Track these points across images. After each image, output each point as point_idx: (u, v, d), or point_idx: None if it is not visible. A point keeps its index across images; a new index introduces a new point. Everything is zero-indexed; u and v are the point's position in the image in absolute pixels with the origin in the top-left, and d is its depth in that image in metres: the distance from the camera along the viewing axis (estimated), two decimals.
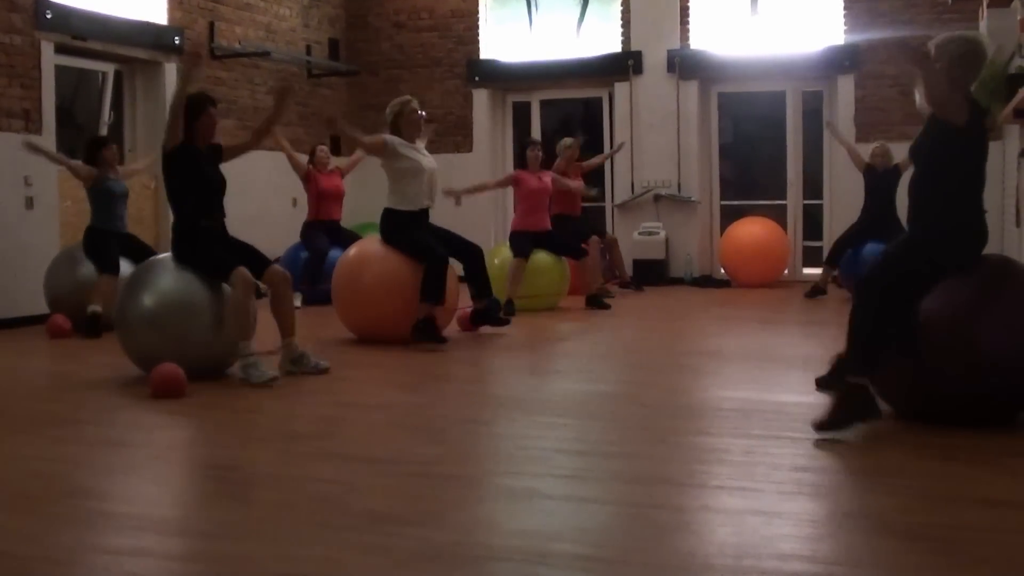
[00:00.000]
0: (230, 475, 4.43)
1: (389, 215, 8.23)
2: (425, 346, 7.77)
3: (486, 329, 8.59)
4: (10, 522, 3.78)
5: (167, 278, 6.64)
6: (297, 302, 10.28)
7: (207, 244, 6.67)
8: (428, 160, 8.37)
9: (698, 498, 3.96)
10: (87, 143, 9.75)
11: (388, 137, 8.19)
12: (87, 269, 9.23)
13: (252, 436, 5.22)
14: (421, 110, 8.53)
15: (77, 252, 9.41)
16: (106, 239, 9.25)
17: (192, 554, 3.43)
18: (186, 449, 5.11)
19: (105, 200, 9.32)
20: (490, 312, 8.48)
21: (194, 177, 6.75)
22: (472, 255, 8.41)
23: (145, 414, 5.78)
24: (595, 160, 12.78)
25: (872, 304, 4.97)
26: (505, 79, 14.61)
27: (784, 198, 13.81)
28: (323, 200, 11.37)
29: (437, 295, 7.93)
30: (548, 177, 10.80)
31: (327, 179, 11.44)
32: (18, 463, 4.69)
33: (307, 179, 11.39)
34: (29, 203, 9.97)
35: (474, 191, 10.78)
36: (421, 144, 8.46)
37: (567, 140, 12.05)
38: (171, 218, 6.93)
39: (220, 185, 6.90)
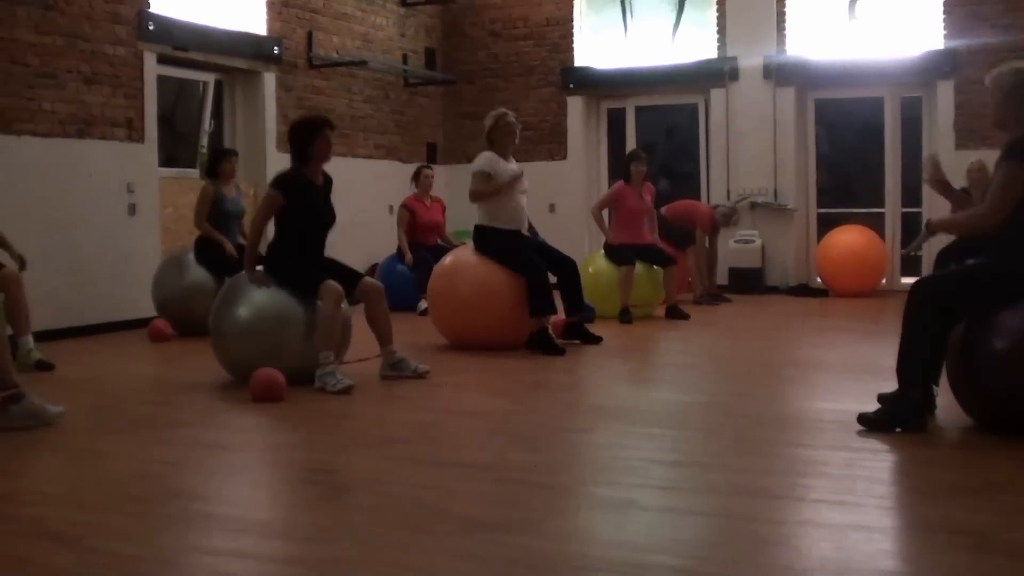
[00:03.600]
0: (328, 479, 4.48)
1: (481, 231, 8.27)
2: (533, 355, 7.84)
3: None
4: (116, 521, 3.85)
5: (261, 290, 6.73)
6: (424, 305, 10.40)
7: (301, 263, 6.76)
8: (522, 181, 8.41)
9: (797, 511, 3.91)
10: (210, 155, 9.94)
11: (482, 172, 8.28)
12: (194, 274, 9.41)
13: (349, 441, 5.27)
14: (518, 123, 8.56)
15: (184, 257, 9.60)
16: (216, 251, 9.39)
17: (291, 557, 3.46)
18: (285, 452, 5.16)
19: (222, 219, 9.50)
20: (582, 326, 8.47)
21: (304, 210, 6.79)
22: (566, 268, 8.41)
23: (245, 417, 5.88)
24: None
25: (929, 316, 4.95)
26: (600, 86, 14.60)
27: (882, 206, 13.61)
28: (418, 230, 11.49)
29: (546, 307, 7.96)
30: (650, 195, 10.73)
31: (426, 212, 11.54)
32: (123, 464, 4.78)
33: (407, 211, 11.50)
34: (132, 210, 10.17)
35: (604, 228, 10.69)
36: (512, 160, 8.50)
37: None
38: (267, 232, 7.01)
39: (329, 220, 6.96)
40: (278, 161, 11.74)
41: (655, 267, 10.50)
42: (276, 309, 6.66)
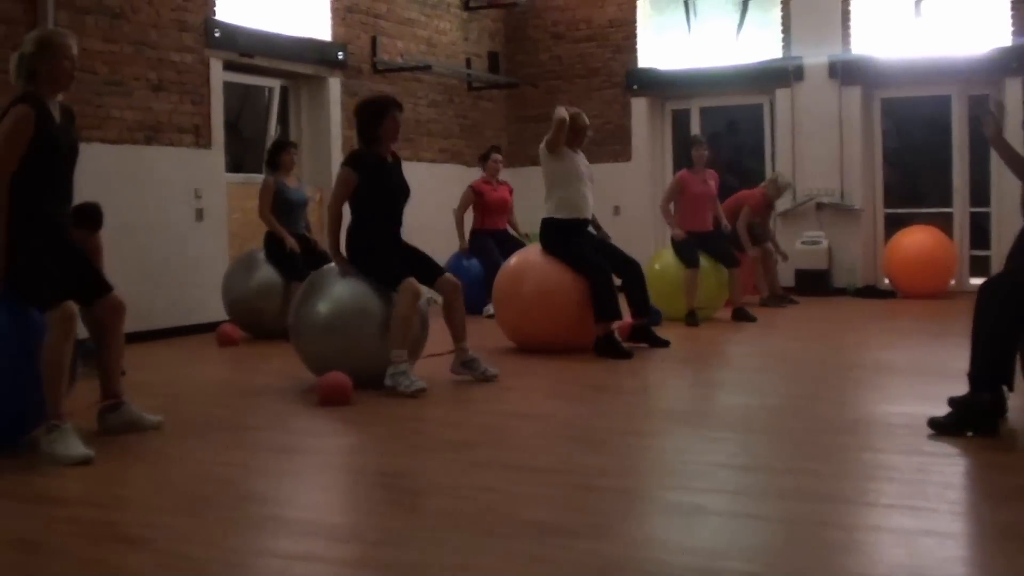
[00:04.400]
0: (397, 482, 4.49)
1: (548, 224, 8.27)
2: (600, 358, 7.83)
3: None
4: (187, 524, 3.90)
5: (341, 285, 6.74)
6: (491, 310, 10.42)
7: (383, 253, 6.75)
8: (587, 168, 8.39)
9: (868, 517, 3.87)
10: (271, 147, 10.03)
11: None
12: (262, 276, 9.50)
13: (417, 444, 5.28)
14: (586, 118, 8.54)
15: (253, 258, 9.70)
16: (287, 247, 9.45)
17: (361, 560, 3.48)
18: (354, 456, 5.19)
19: (285, 209, 9.57)
20: (649, 330, 8.44)
21: (378, 186, 6.81)
22: (631, 271, 8.38)
23: (313, 421, 5.92)
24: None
25: (999, 316, 4.90)
26: (664, 87, 14.54)
27: (950, 206, 13.44)
28: (488, 212, 11.49)
29: (611, 312, 7.94)
30: (713, 179, 10.68)
31: (494, 192, 11.54)
32: (193, 467, 4.84)
33: (473, 191, 11.53)
34: (199, 215, 10.28)
35: (673, 223, 10.54)
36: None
37: (780, 180, 12.08)
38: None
39: (404, 194, 6.97)
40: None
41: (720, 266, 10.40)
42: (357, 304, 6.66)
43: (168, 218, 9.92)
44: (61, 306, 4.95)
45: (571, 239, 8.16)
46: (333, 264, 6.93)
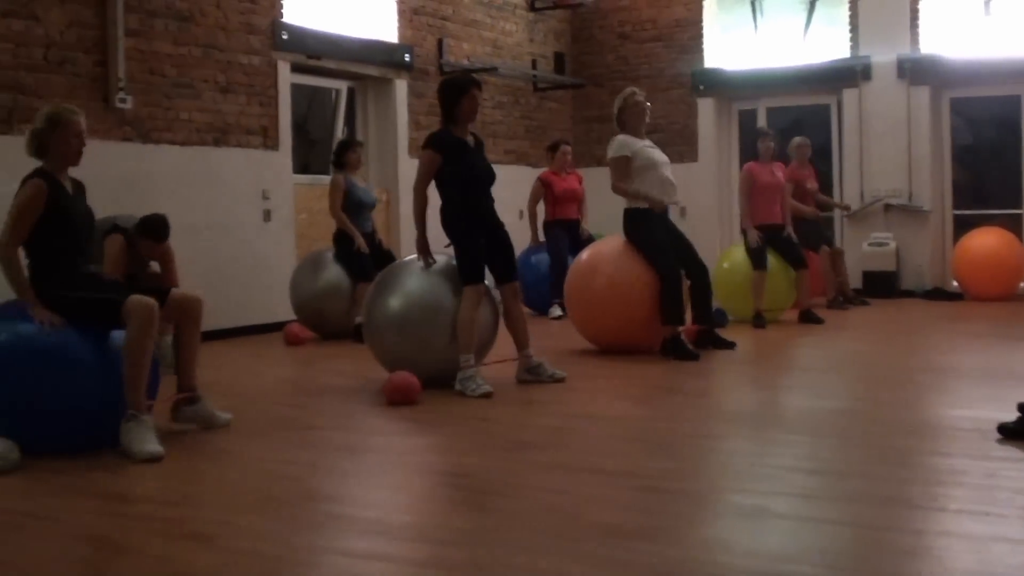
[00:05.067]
0: (464, 482, 4.51)
1: (628, 214, 8.21)
2: (666, 359, 7.81)
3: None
4: (256, 522, 3.94)
5: (414, 280, 6.79)
6: (558, 312, 10.42)
7: (473, 236, 6.77)
8: (659, 154, 8.34)
9: (938, 522, 3.83)
10: (337, 145, 10.10)
11: (620, 157, 8.17)
12: (329, 276, 9.57)
13: (484, 444, 5.29)
14: (646, 101, 8.47)
15: (320, 258, 9.77)
16: (356, 246, 9.51)
17: (428, 560, 3.50)
18: (420, 455, 5.22)
19: (354, 208, 9.63)
20: (714, 333, 8.39)
21: (462, 166, 6.81)
22: (698, 273, 8.31)
23: (380, 420, 5.96)
24: (823, 199, 12.51)
25: None
26: (730, 88, 14.44)
27: (1019, 207, 13.23)
28: (558, 202, 11.48)
29: (677, 317, 7.91)
30: (781, 171, 10.60)
31: (562, 182, 11.53)
32: (261, 465, 4.90)
33: (542, 183, 11.52)
34: (267, 216, 10.38)
35: (747, 212, 10.40)
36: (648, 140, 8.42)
37: (798, 139, 11.87)
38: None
39: (489, 177, 6.96)
40: (410, 166, 11.85)
41: (789, 268, 10.30)
42: (428, 301, 6.70)
43: (236, 219, 10.03)
44: (140, 300, 5.09)
45: (655, 230, 8.09)
46: (406, 260, 6.96)
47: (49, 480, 4.71)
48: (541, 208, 11.71)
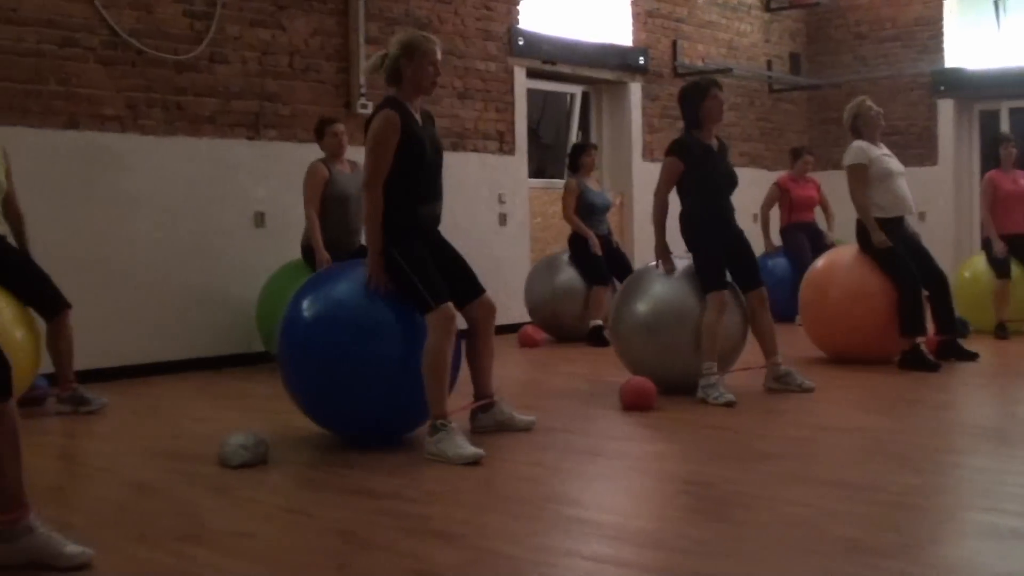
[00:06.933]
0: (704, 491, 4.46)
1: (863, 223, 7.98)
2: (905, 370, 7.57)
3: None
4: (496, 522, 3.99)
5: (661, 284, 6.77)
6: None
7: (714, 242, 6.72)
8: (896, 163, 8.08)
9: None
10: (572, 149, 10.17)
11: (858, 165, 7.95)
12: (564, 278, 9.63)
13: (723, 453, 5.22)
14: (878, 107, 8.22)
15: (555, 262, 9.85)
16: (591, 249, 9.54)
17: (667, 568, 3.46)
18: (658, 462, 5.19)
19: (588, 211, 9.69)
20: (956, 344, 8.06)
21: (704, 172, 6.76)
22: (937, 283, 7.99)
23: (617, 425, 5.96)
24: None
25: None
26: (972, 88, 13.88)
27: None
28: (796, 208, 11.28)
29: (917, 327, 7.62)
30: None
31: (800, 189, 11.33)
32: (502, 466, 4.95)
33: (779, 188, 11.35)
34: (502, 219, 10.53)
35: (991, 224, 9.92)
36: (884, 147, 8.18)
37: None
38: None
39: (731, 182, 6.88)
40: (644, 170, 11.89)
41: None
42: (674, 306, 6.67)
43: (473, 222, 10.19)
44: (442, 307, 5.12)
45: (891, 239, 7.85)
46: (651, 265, 6.95)
47: (299, 475, 4.90)
48: (774, 213, 11.51)
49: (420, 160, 5.24)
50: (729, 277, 6.74)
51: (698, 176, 6.73)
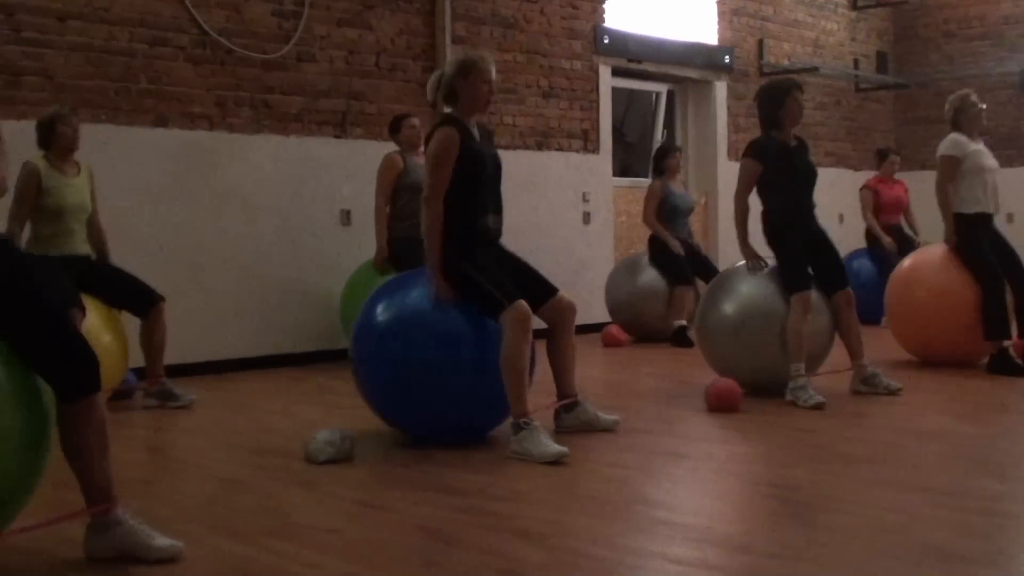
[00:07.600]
0: (790, 495, 4.41)
1: (955, 220, 7.83)
2: (993, 375, 7.42)
3: None
4: (581, 522, 3.99)
5: (748, 285, 6.73)
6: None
7: (795, 242, 6.66)
8: (990, 159, 7.91)
9: None
10: (656, 151, 10.14)
11: (950, 156, 7.80)
12: (645, 278, 9.60)
13: (810, 456, 5.16)
14: (981, 104, 8.06)
15: (637, 261, 9.83)
16: (672, 250, 9.51)
17: (754, 571, 3.43)
18: (744, 464, 5.15)
19: (671, 213, 9.65)
20: None
21: (784, 172, 6.72)
22: (1019, 284, 7.82)
23: (702, 427, 5.93)
24: None
25: None
26: None
27: None
28: (883, 210, 11.12)
29: (1000, 331, 7.47)
30: None
31: (888, 189, 11.17)
32: (587, 466, 4.94)
33: (871, 190, 11.20)
34: (586, 218, 10.52)
35: None
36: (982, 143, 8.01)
37: None
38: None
39: (811, 177, 6.84)
40: (729, 169, 11.80)
41: None
42: (761, 307, 6.62)
43: (557, 221, 10.20)
44: (515, 305, 5.15)
45: (976, 237, 7.70)
46: (741, 263, 6.90)
47: (383, 472, 4.94)
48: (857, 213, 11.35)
49: (479, 175, 5.34)
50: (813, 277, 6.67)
51: (776, 176, 6.68)
